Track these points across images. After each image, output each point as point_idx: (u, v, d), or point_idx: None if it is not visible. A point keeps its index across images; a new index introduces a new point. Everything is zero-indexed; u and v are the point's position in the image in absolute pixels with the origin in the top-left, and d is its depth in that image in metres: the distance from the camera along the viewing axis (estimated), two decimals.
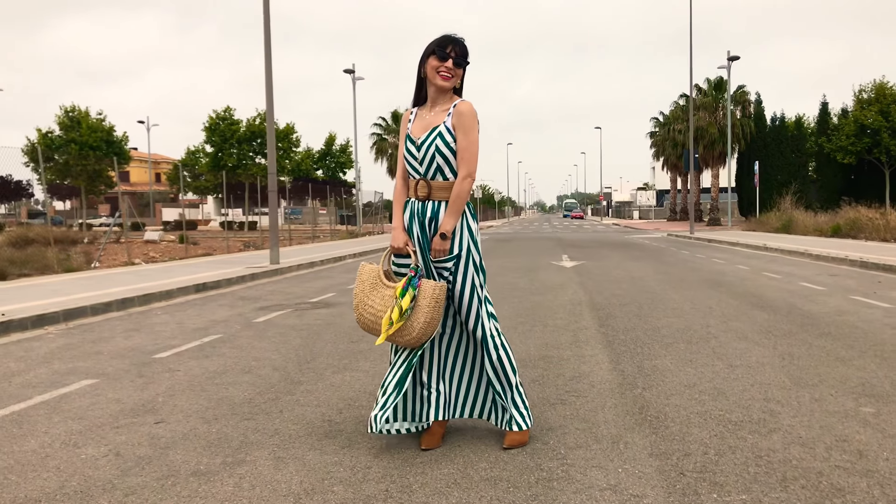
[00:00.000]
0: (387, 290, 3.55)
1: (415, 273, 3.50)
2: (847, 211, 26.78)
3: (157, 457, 3.56)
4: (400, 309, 3.40)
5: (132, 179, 74.18)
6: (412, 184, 3.65)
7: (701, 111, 47.31)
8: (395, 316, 3.41)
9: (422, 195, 3.60)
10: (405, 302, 3.40)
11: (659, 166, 61.81)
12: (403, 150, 3.67)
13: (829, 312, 8.04)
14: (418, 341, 3.48)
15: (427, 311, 3.43)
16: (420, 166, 3.58)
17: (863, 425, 3.91)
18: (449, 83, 3.56)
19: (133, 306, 9.33)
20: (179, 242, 24.26)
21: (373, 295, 3.57)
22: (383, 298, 3.54)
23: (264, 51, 15.83)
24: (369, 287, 3.60)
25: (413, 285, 3.46)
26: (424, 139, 3.55)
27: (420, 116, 3.67)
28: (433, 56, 3.55)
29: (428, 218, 3.57)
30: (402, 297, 3.42)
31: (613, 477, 3.21)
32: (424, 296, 3.44)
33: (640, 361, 5.63)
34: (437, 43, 3.56)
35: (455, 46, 3.55)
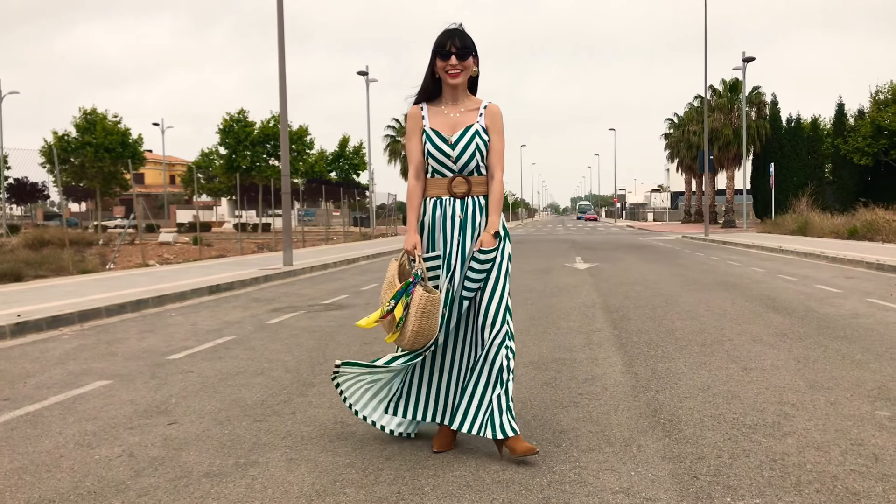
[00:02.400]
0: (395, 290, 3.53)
1: (413, 279, 3.47)
2: (864, 213, 26.58)
3: (171, 458, 3.57)
4: (393, 316, 3.42)
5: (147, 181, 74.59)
6: (444, 182, 3.58)
7: (716, 112, 47.15)
8: (376, 319, 3.47)
9: (461, 192, 3.57)
10: (398, 310, 3.41)
11: (673, 168, 61.65)
12: (430, 148, 3.57)
13: (845, 315, 7.98)
14: (411, 346, 3.50)
15: (414, 321, 3.40)
16: (455, 164, 3.55)
17: (878, 429, 3.88)
18: (461, 78, 3.54)
19: (147, 308, 9.37)
20: (193, 244, 24.36)
21: (388, 293, 3.54)
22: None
23: (278, 52, 15.89)
24: (387, 284, 3.58)
25: (408, 292, 3.44)
26: (460, 137, 3.54)
27: (438, 113, 3.62)
28: (438, 58, 3.54)
29: (470, 213, 3.56)
30: (396, 302, 3.42)
31: (626, 480, 3.20)
32: (413, 304, 3.42)
33: (653, 364, 5.60)
34: (438, 43, 3.53)
35: (454, 40, 3.50)
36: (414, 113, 3.67)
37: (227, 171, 47.02)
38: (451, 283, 3.56)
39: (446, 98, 3.63)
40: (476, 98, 3.67)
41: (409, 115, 3.68)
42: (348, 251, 22.05)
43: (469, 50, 3.52)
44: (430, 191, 3.64)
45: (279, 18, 15.80)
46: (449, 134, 3.56)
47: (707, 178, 40.55)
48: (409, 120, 3.68)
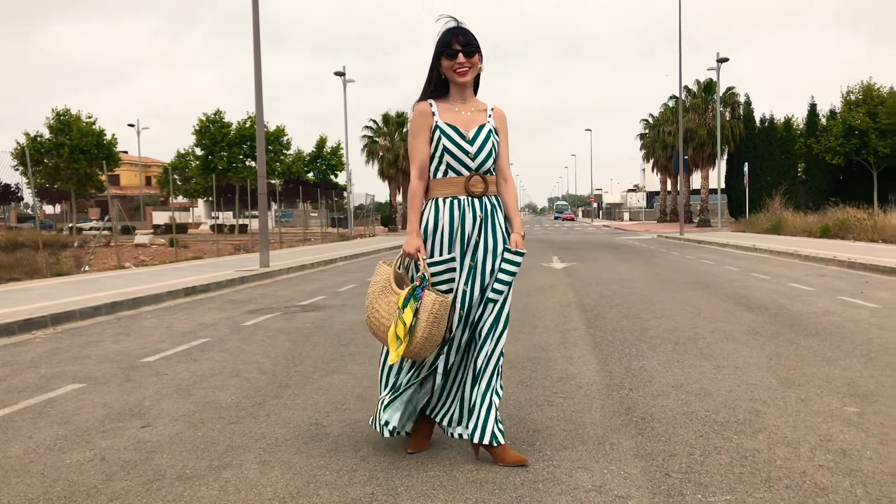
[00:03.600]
0: (393, 297, 3.39)
1: (420, 283, 3.33)
2: (836, 212, 26.92)
3: (143, 461, 3.55)
4: (404, 324, 3.25)
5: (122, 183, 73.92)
6: (460, 181, 3.46)
7: (690, 113, 47.48)
8: (400, 332, 3.25)
9: (478, 191, 3.47)
10: (407, 316, 3.25)
11: (649, 168, 62.02)
12: (447, 144, 3.44)
13: (817, 313, 8.08)
14: (416, 355, 3.35)
15: (425, 327, 3.26)
16: (473, 161, 3.46)
17: (847, 425, 3.93)
18: (469, 75, 3.48)
19: (122, 310, 9.30)
20: (170, 246, 24.18)
21: (381, 299, 3.41)
22: (388, 305, 3.38)
23: (254, 53, 15.81)
24: (379, 290, 3.44)
25: (416, 297, 3.30)
26: (476, 134, 3.48)
27: (449, 110, 3.51)
28: (443, 57, 3.47)
29: (489, 212, 3.50)
30: (404, 308, 3.26)
31: (599, 478, 3.22)
32: (424, 309, 3.28)
33: (627, 362, 5.64)
34: (441, 43, 3.46)
35: (458, 38, 3.45)
36: (423, 109, 3.50)
37: (204, 172, 46.78)
38: (468, 284, 3.46)
39: (454, 97, 3.54)
40: (480, 100, 3.63)
41: (418, 112, 3.51)
42: (326, 252, 21.98)
43: (474, 46, 3.46)
44: (441, 190, 3.48)
45: (254, 18, 15.72)
46: (465, 131, 3.49)
47: (682, 177, 40.79)
48: (418, 116, 3.50)
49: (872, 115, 36.25)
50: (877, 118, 36.08)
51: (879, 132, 35.98)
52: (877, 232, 21.97)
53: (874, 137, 36.04)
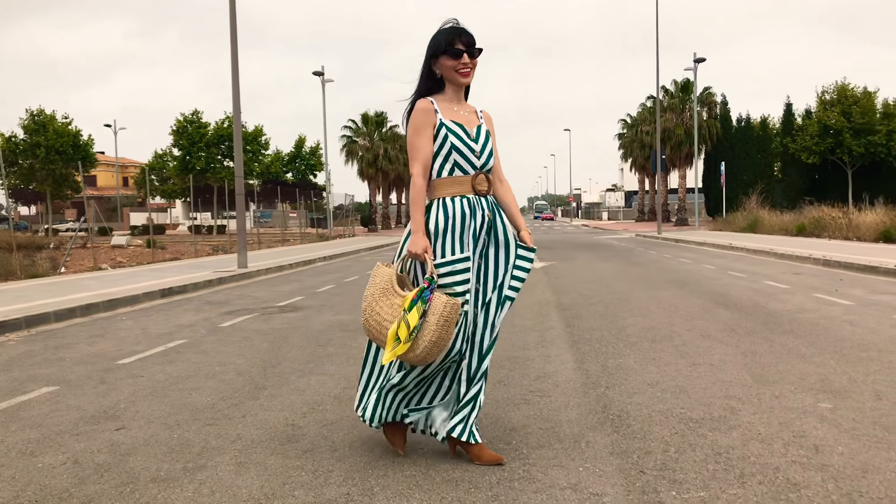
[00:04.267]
0: (397, 299, 3.26)
1: (428, 284, 3.21)
2: (811, 210, 27.21)
3: (117, 464, 3.52)
4: (407, 325, 3.12)
5: (99, 184, 73.32)
6: (467, 179, 3.42)
7: (668, 113, 47.79)
8: (402, 333, 3.11)
9: (483, 189, 3.45)
10: (412, 317, 3.12)
11: (627, 168, 62.34)
12: (455, 142, 3.40)
13: (792, 310, 8.16)
14: (422, 360, 3.21)
15: (434, 330, 3.13)
16: (478, 160, 3.44)
17: (820, 421, 3.97)
18: (471, 77, 3.47)
19: (98, 312, 9.21)
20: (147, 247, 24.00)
21: (382, 301, 3.28)
22: (392, 307, 3.25)
23: (231, 53, 15.74)
24: (380, 292, 3.31)
25: (424, 298, 3.17)
26: (478, 134, 3.47)
27: (448, 109, 3.47)
28: (446, 56, 3.41)
29: (495, 211, 3.50)
30: (410, 310, 3.14)
31: (574, 476, 3.23)
32: (434, 311, 3.15)
33: (604, 361, 5.67)
34: (446, 41, 3.41)
35: (462, 38, 3.41)
36: (426, 107, 3.42)
37: (182, 173, 46.49)
38: (481, 283, 3.45)
39: (451, 97, 3.50)
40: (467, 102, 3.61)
41: (420, 110, 3.41)
42: (305, 252, 21.91)
43: (476, 47, 3.44)
44: (448, 189, 3.41)
45: (231, 18, 15.64)
46: (471, 129, 3.47)
47: (660, 177, 41.07)
48: (421, 114, 3.40)
49: (847, 115, 36.64)
50: (851, 118, 36.47)
51: (854, 131, 36.38)
52: (851, 230, 22.22)
53: (849, 137, 36.43)
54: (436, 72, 3.47)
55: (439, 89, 3.51)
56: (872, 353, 5.77)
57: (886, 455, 3.41)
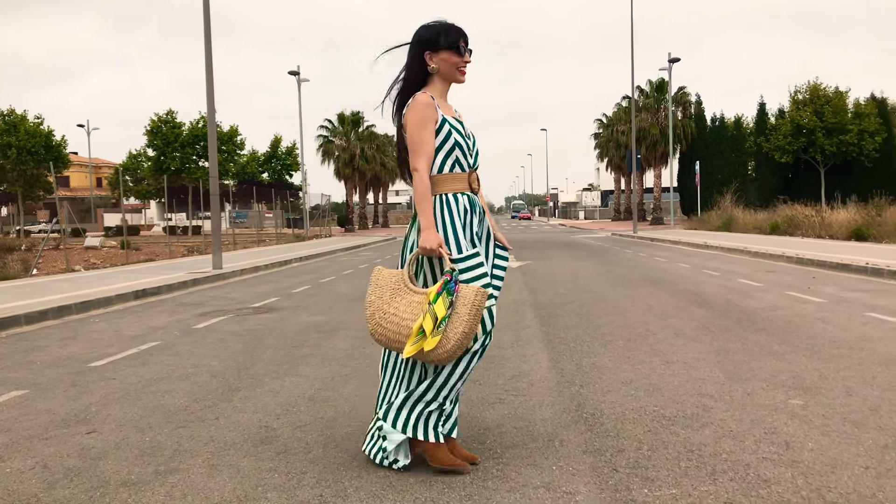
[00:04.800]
0: (415, 297, 3.18)
1: (450, 277, 3.13)
2: (784, 209, 27.49)
3: (87, 468, 3.48)
4: (434, 318, 3.04)
5: (72, 184, 72.56)
6: (464, 176, 3.38)
7: (643, 112, 48.06)
8: (427, 326, 3.03)
9: (476, 187, 3.43)
10: (439, 309, 3.04)
11: (603, 167, 62.65)
12: (458, 139, 3.36)
13: (765, 308, 8.23)
14: (451, 356, 3.09)
15: (466, 320, 3.05)
16: (470, 158, 3.42)
17: (791, 417, 4.01)
18: (465, 78, 3.46)
19: (70, 314, 9.11)
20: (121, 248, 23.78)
21: (395, 302, 3.19)
22: (411, 305, 3.16)
23: (205, 52, 15.63)
24: (389, 293, 3.22)
25: (450, 290, 3.09)
26: (469, 132, 3.45)
27: (443, 105, 3.41)
28: (450, 52, 3.36)
29: (483, 209, 3.48)
30: (435, 302, 3.07)
31: (548, 475, 3.24)
32: (464, 302, 3.08)
33: (579, 359, 5.69)
34: (451, 37, 3.36)
35: (464, 38, 3.39)
36: (430, 101, 3.32)
37: (156, 173, 46.12)
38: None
39: (440, 93, 3.44)
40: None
41: (424, 103, 3.30)
42: (281, 253, 21.80)
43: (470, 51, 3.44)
44: (450, 185, 3.35)
45: (205, 16, 15.53)
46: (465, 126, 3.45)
47: (635, 176, 41.27)
48: (424, 108, 3.29)
49: (819, 115, 37.09)
50: (823, 117, 36.92)
51: (826, 131, 36.82)
52: (824, 228, 22.48)
53: (821, 136, 36.87)
54: (430, 65, 3.39)
55: (426, 84, 3.43)
56: (843, 349, 5.84)
57: (855, 450, 3.45)
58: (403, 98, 3.44)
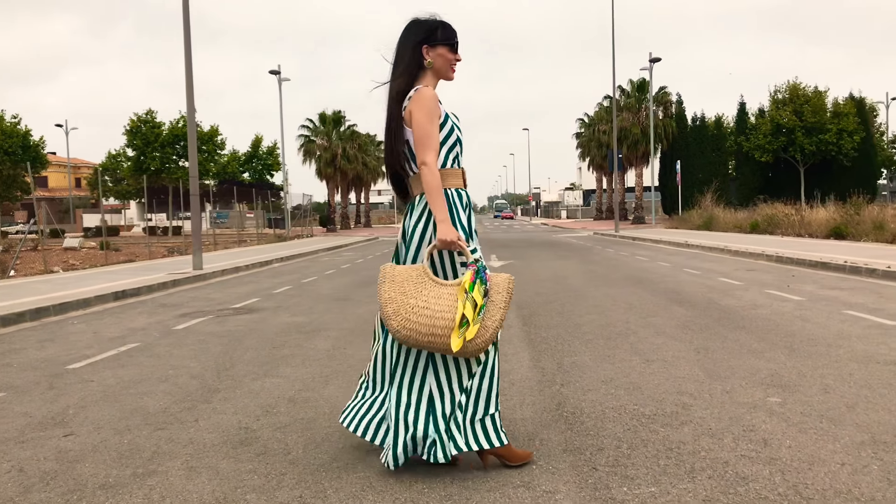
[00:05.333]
0: (444, 289, 3.12)
1: (476, 267, 3.15)
2: (764, 208, 27.67)
3: (64, 471, 3.45)
4: (474, 305, 3.02)
5: (51, 185, 71.91)
6: (460, 172, 3.38)
7: (624, 112, 48.28)
8: (469, 313, 3.00)
9: (466, 183, 3.42)
10: (478, 297, 3.04)
11: (585, 166, 62.83)
12: (460, 135, 3.37)
13: (745, 306, 8.29)
14: (487, 345, 3.09)
15: (502, 308, 3.11)
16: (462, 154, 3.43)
17: (769, 415, 4.04)
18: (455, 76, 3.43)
19: (48, 316, 9.02)
20: (101, 249, 23.58)
21: (423, 295, 3.10)
22: (441, 297, 3.09)
23: (184, 51, 15.53)
24: (413, 287, 3.13)
25: (482, 279, 3.11)
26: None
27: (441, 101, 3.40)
28: (445, 47, 3.35)
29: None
30: (472, 291, 3.05)
31: (527, 474, 3.24)
32: (498, 290, 3.14)
33: (559, 358, 5.70)
34: (447, 33, 3.35)
35: (457, 36, 3.38)
36: (436, 95, 3.31)
37: (136, 174, 45.83)
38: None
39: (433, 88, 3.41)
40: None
41: (432, 97, 3.27)
42: (261, 253, 21.71)
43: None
44: (451, 180, 3.34)
45: (185, 15, 15.44)
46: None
47: (617, 176, 41.50)
48: (433, 102, 3.26)
49: (799, 114, 37.40)
50: (803, 116, 37.23)
51: (805, 130, 37.14)
52: (803, 227, 22.65)
53: (801, 135, 37.18)
54: (426, 59, 3.35)
55: (418, 78, 3.38)
56: (821, 347, 5.89)
57: (832, 447, 3.48)
58: (402, 90, 3.35)
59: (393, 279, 3.16)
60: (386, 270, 3.21)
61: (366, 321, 7.90)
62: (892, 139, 53.15)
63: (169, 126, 46.85)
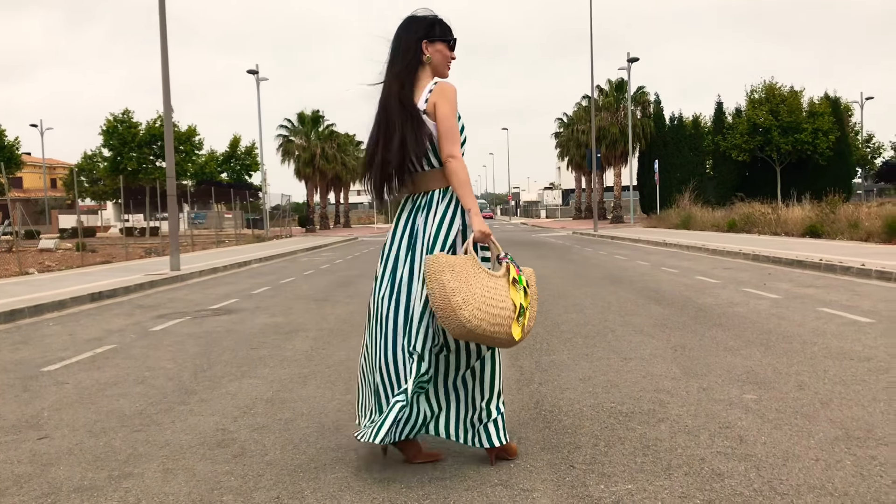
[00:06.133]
0: (497, 280, 3.12)
1: (507, 258, 3.22)
2: (741, 206, 27.90)
3: (38, 474, 3.41)
4: (525, 292, 3.11)
5: (26, 186, 71.12)
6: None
7: (603, 112, 48.48)
8: (525, 301, 3.09)
9: None
10: (527, 286, 3.15)
11: (564, 166, 63.02)
12: (466, 133, 3.38)
13: (722, 304, 8.35)
14: (529, 334, 3.25)
15: (536, 299, 3.24)
16: None
17: (745, 412, 4.07)
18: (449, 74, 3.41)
19: (22, 318, 8.93)
20: (77, 250, 23.35)
21: (483, 285, 3.06)
22: (496, 289, 3.08)
23: (161, 50, 15.42)
24: (473, 277, 3.06)
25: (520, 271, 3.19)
26: None
27: None
28: (443, 44, 3.34)
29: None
30: (521, 281, 3.13)
31: (505, 473, 3.25)
32: (532, 282, 3.23)
33: (538, 357, 5.72)
34: (446, 30, 3.34)
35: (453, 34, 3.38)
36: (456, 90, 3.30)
37: (113, 174, 45.40)
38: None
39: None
40: None
41: (455, 92, 3.26)
42: (240, 254, 21.60)
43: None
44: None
45: (161, 14, 15.33)
46: None
47: (595, 175, 41.68)
48: (455, 97, 3.26)
49: (775, 113, 37.77)
50: (779, 116, 37.61)
51: (782, 129, 37.51)
52: (780, 225, 22.85)
53: (777, 134, 37.54)
54: (425, 54, 3.32)
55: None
56: (796, 344, 5.94)
57: (806, 443, 3.51)
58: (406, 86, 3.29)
59: (452, 268, 3.04)
60: (440, 259, 3.06)
61: (345, 321, 7.89)
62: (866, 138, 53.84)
63: (146, 126, 46.47)
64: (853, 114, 50.43)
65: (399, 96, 3.28)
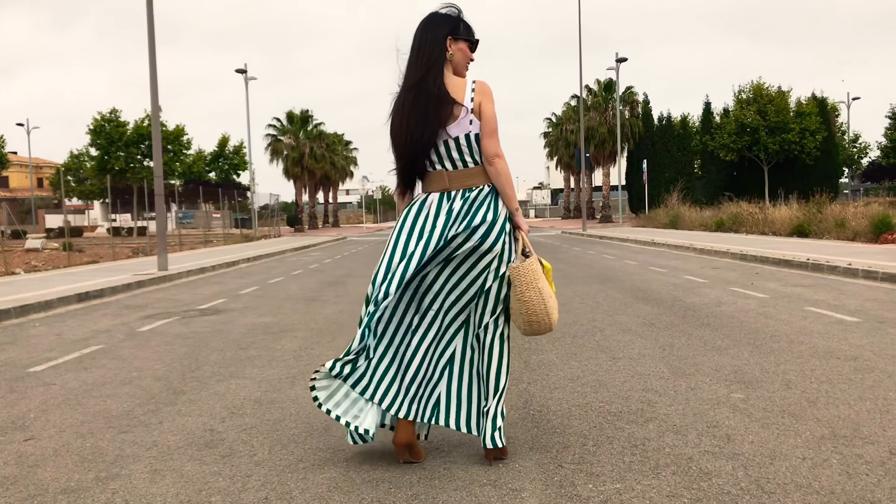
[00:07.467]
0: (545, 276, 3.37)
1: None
2: (729, 206, 28.03)
3: (24, 476, 3.39)
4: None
5: (12, 185, 70.74)
6: None
7: (592, 111, 48.59)
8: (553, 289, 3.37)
9: None
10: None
11: (553, 166, 63.17)
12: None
13: (709, 304, 8.38)
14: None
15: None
16: None
17: (732, 411, 4.09)
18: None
19: (8, 318, 8.87)
20: (63, 250, 23.22)
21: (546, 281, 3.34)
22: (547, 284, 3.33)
23: (148, 48, 15.35)
24: (543, 277, 3.31)
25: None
26: None
27: None
28: (467, 45, 3.34)
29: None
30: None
31: (494, 472, 3.25)
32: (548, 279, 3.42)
33: (527, 357, 5.72)
34: (468, 30, 3.34)
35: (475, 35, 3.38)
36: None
37: (100, 174, 45.16)
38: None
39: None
40: None
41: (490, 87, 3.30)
42: (228, 254, 21.54)
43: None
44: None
45: (148, 12, 15.26)
46: None
47: (584, 175, 41.75)
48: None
49: (763, 113, 37.95)
50: (766, 116, 37.78)
51: (769, 129, 37.69)
52: (767, 225, 22.96)
53: (764, 134, 37.72)
54: (449, 51, 3.30)
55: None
56: (783, 343, 5.97)
57: (793, 442, 3.53)
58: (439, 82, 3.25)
59: (539, 275, 3.26)
60: (534, 267, 3.25)
61: (334, 321, 7.87)
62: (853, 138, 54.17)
63: (133, 125, 46.26)
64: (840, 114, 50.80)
65: (434, 83, 3.23)
